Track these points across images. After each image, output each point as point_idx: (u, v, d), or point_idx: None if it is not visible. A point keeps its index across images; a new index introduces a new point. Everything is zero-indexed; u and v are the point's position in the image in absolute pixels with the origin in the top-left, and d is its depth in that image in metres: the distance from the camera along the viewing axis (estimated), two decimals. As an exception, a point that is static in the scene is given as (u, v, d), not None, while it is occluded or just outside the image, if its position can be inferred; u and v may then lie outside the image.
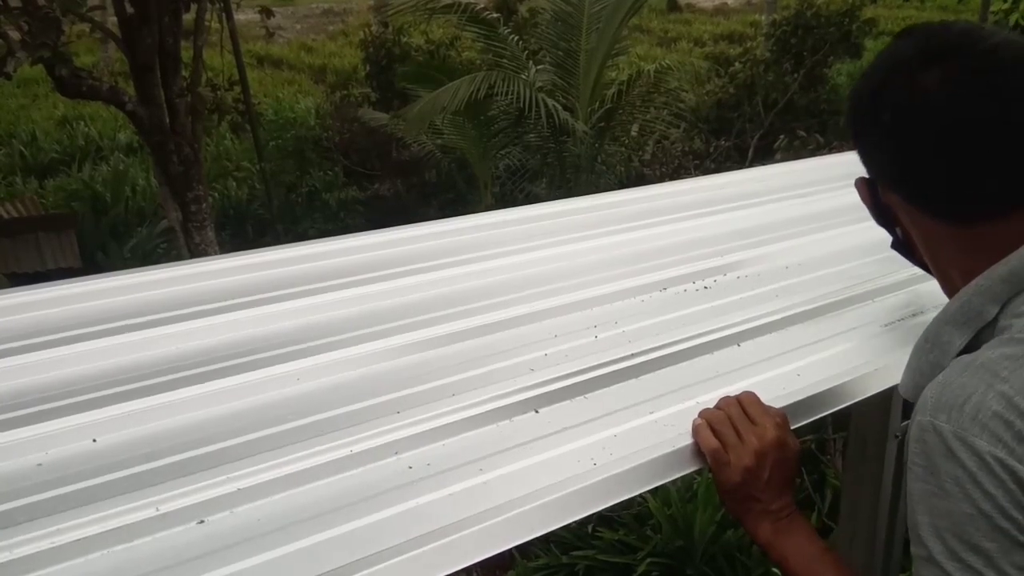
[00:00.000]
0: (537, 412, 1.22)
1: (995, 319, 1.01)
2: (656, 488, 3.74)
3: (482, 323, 1.47)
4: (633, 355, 1.37)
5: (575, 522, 1.06)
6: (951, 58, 1.00)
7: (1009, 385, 0.92)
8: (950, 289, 1.10)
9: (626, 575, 3.57)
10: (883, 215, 1.15)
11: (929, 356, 1.06)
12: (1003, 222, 1.01)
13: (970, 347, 1.03)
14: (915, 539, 0.96)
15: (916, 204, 1.07)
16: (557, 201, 2.22)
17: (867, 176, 1.15)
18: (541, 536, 1.01)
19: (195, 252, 6.95)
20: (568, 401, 1.26)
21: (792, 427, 1.21)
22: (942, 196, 1.04)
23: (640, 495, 3.67)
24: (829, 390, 1.31)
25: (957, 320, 1.04)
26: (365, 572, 0.90)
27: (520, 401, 1.23)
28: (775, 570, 3.38)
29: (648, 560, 3.54)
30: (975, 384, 0.94)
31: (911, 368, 1.10)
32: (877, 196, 1.14)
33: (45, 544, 0.92)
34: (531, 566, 3.77)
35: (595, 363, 1.34)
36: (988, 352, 0.98)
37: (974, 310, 1.02)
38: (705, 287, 1.66)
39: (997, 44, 1.00)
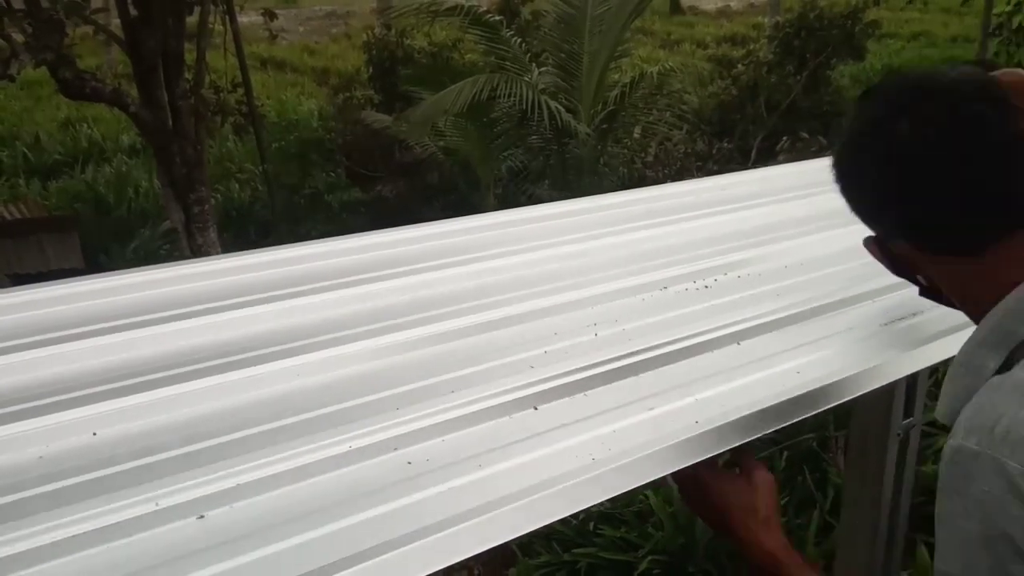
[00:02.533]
0: (536, 409, 1.23)
1: None
2: (658, 485, 3.75)
3: (481, 321, 1.47)
4: (633, 353, 1.37)
5: (574, 516, 1.06)
6: (919, 104, 1.04)
7: None
8: (980, 317, 1.09)
9: (627, 573, 3.57)
10: (900, 267, 1.17)
11: (964, 380, 1.05)
12: (1008, 243, 1.01)
13: (1004, 368, 1.02)
14: (939, 555, 0.97)
15: (924, 247, 1.09)
16: (559, 202, 2.23)
17: (872, 235, 1.17)
18: (540, 530, 1.01)
19: (198, 253, 6.95)
20: (567, 398, 1.26)
21: (792, 422, 1.25)
22: (943, 234, 1.05)
23: (641, 492, 3.67)
24: (828, 386, 1.31)
25: (989, 342, 1.04)
26: (364, 565, 0.90)
27: (519, 398, 1.23)
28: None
29: (649, 558, 3.53)
30: (1006, 404, 0.94)
31: (946, 394, 1.09)
32: (888, 251, 1.15)
33: (45, 539, 0.92)
34: (533, 563, 3.77)
35: (595, 361, 1.34)
36: (1020, 372, 0.98)
37: (1005, 330, 1.02)
38: (706, 286, 1.66)
39: (956, 80, 1.04)
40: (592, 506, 1.07)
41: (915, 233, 1.09)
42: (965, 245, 1.04)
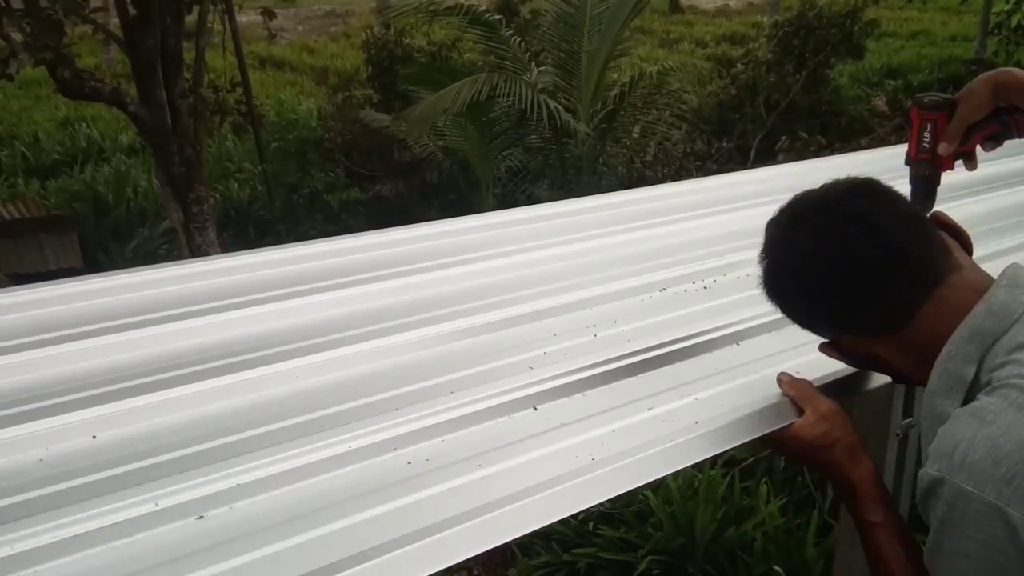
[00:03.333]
0: (536, 409, 1.23)
1: (976, 379, 1.06)
2: (657, 485, 3.75)
3: (481, 322, 1.48)
4: (632, 353, 1.37)
5: (574, 517, 1.06)
6: (806, 217, 1.16)
7: (996, 427, 0.97)
8: None
9: (627, 573, 3.56)
10: (858, 360, 1.25)
11: (932, 431, 1.09)
12: (928, 305, 1.10)
13: None
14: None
15: (863, 333, 1.17)
16: (558, 202, 2.23)
17: (824, 340, 1.25)
18: (540, 530, 1.01)
19: (197, 253, 6.94)
20: (567, 398, 1.26)
21: (792, 421, 1.25)
22: (870, 316, 1.14)
23: (641, 492, 3.66)
24: (826, 385, 1.32)
25: (942, 389, 1.09)
26: (365, 566, 0.90)
27: (519, 398, 1.23)
28: (777, 568, 3.38)
29: (649, 558, 3.53)
30: (963, 430, 1.00)
31: (926, 447, 1.14)
32: (842, 349, 1.24)
33: (46, 539, 0.92)
34: (532, 564, 3.77)
35: (594, 361, 1.34)
36: (976, 402, 1.03)
37: (952, 375, 1.08)
38: (705, 287, 1.66)
39: (833, 188, 1.17)
40: (592, 506, 1.07)
41: (849, 324, 1.18)
42: (893, 318, 1.12)
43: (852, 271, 1.12)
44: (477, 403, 1.21)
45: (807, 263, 1.15)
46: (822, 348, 1.26)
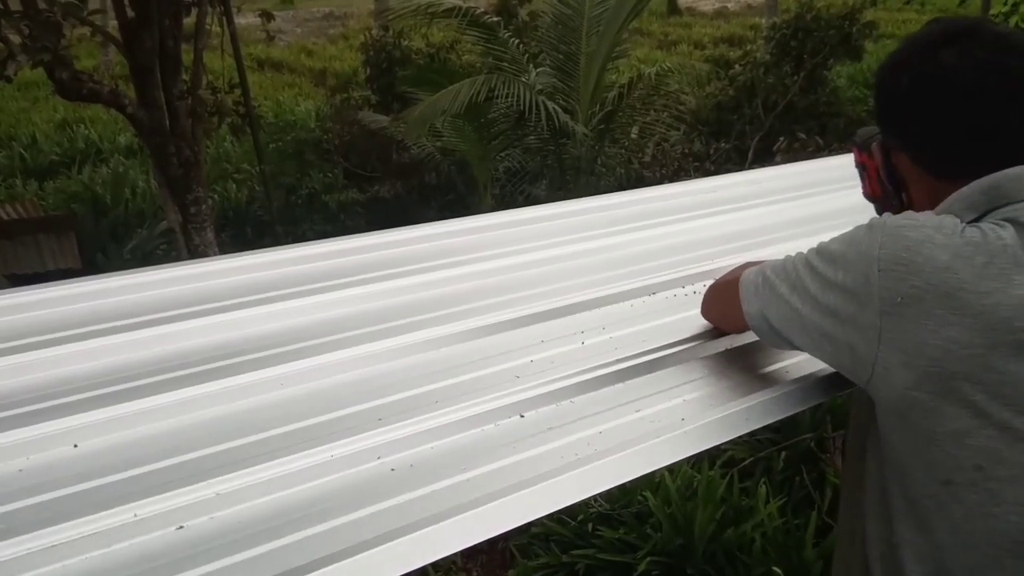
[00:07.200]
0: (522, 416, 1.22)
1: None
2: (656, 485, 3.74)
3: (468, 328, 1.47)
4: (620, 360, 1.36)
5: (572, 517, 1.05)
6: (968, 38, 1.14)
7: (940, 235, 1.05)
8: None
9: (626, 574, 3.55)
10: (891, 177, 1.28)
11: None
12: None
13: None
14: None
15: (922, 164, 1.20)
16: (551, 204, 2.22)
17: (882, 143, 1.29)
18: (538, 531, 1.01)
19: (195, 253, 6.94)
20: (554, 404, 1.25)
21: (779, 418, 1.27)
22: (947, 158, 1.17)
23: (640, 492, 3.64)
24: (823, 379, 1.32)
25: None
26: (345, 562, 0.90)
27: (505, 406, 1.22)
28: (776, 569, 3.37)
29: (648, 559, 3.51)
30: (925, 217, 1.09)
31: None
32: (889, 159, 1.27)
33: (21, 550, 0.91)
34: (531, 565, 3.75)
35: (581, 369, 1.33)
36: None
37: (953, 212, 1.11)
38: (695, 292, 1.65)
39: (1008, 32, 1.17)
40: (582, 503, 1.06)
41: (921, 150, 1.20)
42: (956, 173, 1.14)
43: (968, 113, 1.12)
44: (462, 412, 1.20)
45: (939, 78, 1.14)
46: (874, 147, 1.30)
